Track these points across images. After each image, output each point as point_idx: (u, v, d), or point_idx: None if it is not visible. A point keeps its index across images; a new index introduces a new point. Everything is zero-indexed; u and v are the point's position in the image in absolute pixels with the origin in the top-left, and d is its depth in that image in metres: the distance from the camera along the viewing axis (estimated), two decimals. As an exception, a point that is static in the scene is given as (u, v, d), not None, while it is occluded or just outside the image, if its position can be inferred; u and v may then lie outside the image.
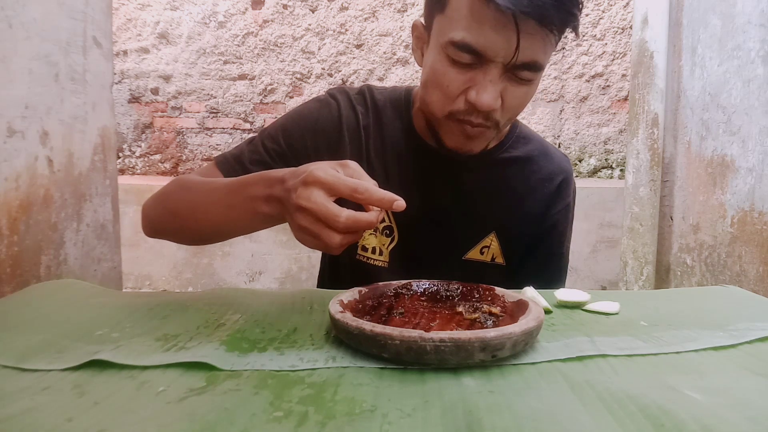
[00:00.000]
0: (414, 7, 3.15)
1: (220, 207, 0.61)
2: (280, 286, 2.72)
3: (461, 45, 0.60)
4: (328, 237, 0.49)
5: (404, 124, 0.78)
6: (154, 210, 0.72)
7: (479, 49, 0.60)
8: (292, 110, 0.80)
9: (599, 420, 0.35)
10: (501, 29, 0.58)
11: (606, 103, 3.21)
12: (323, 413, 0.36)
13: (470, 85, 0.63)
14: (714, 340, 0.51)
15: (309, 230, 0.49)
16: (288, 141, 0.75)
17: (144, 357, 0.44)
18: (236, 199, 0.59)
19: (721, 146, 1.35)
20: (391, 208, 0.50)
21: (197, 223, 0.66)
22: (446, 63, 0.63)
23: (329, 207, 0.48)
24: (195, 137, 3.23)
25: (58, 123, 0.85)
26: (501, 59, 0.60)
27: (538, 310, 0.49)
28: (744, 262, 1.27)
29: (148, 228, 0.73)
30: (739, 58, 1.29)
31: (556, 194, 0.81)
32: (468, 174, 0.78)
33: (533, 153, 0.81)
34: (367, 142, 0.77)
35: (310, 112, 0.78)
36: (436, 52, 0.64)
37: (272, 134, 0.76)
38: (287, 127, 0.77)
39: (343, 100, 0.78)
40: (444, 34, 0.62)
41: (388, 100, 0.80)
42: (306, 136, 0.76)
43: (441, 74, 0.64)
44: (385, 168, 0.78)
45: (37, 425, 0.34)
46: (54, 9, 0.83)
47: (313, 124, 0.76)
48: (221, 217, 0.62)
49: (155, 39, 3.16)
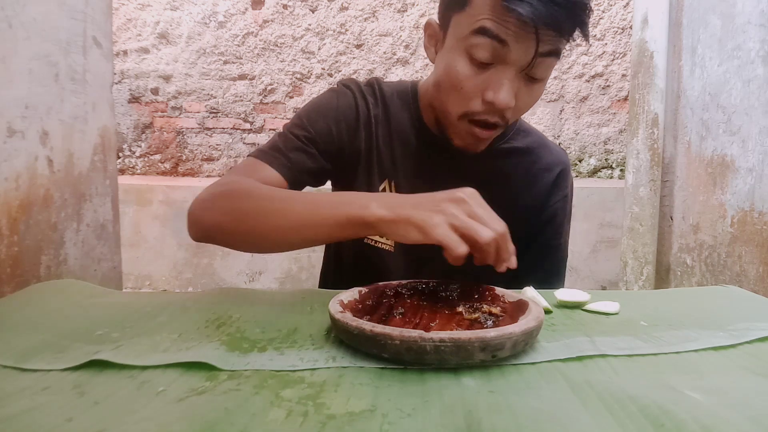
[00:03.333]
0: (414, 7, 3.15)
1: (317, 218, 0.60)
2: (280, 286, 2.72)
3: (483, 32, 0.61)
4: (482, 230, 0.52)
5: (411, 115, 0.81)
6: (210, 213, 0.67)
7: (502, 36, 0.61)
8: (311, 102, 0.81)
9: (599, 420, 0.35)
10: (521, 37, 0.60)
11: (606, 103, 3.21)
12: (323, 413, 0.36)
13: (487, 85, 0.64)
14: (714, 340, 0.51)
15: (467, 227, 0.52)
16: (315, 128, 0.77)
17: (144, 357, 0.44)
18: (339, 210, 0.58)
19: (721, 146, 1.35)
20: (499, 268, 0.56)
21: (275, 232, 0.63)
22: (464, 62, 0.64)
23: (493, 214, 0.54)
24: (195, 137, 3.23)
25: (58, 123, 0.85)
26: (518, 64, 0.62)
27: (538, 310, 0.49)
28: (744, 262, 1.27)
29: (199, 232, 0.68)
30: (739, 58, 1.29)
31: (554, 185, 0.84)
32: (471, 164, 0.80)
33: (533, 145, 0.84)
34: (376, 131, 0.80)
35: (329, 101, 0.80)
36: (454, 50, 0.65)
37: (298, 124, 0.77)
38: (311, 116, 0.78)
39: (356, 90, 0.80)
40: (464, 29, 0.63)
41: (395, 92, 0.82)
42: (330, 124, 0.77)
43: (458, 74, 0.65)
44: (392, 156, 0.80)
45: (37, 425, 0.34)
46: (54, 9, 0.83)
47: (335, 112, 0.78)
48: (314, 229, 0.60)
49: (155, 39, 3.16)
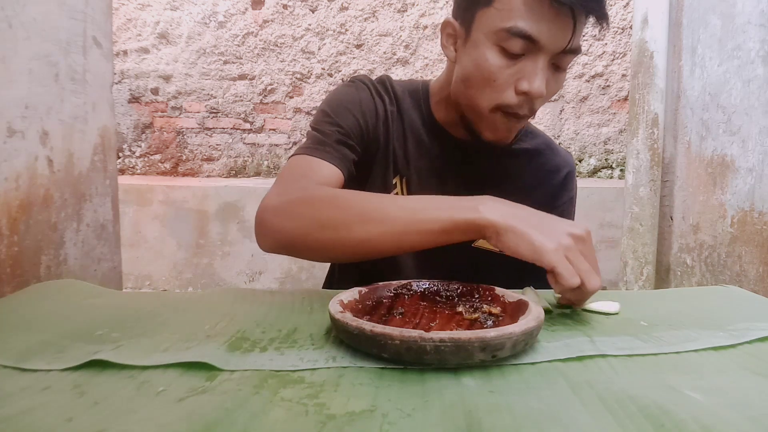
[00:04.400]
0: (414, 7, 3.15)
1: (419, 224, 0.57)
2: (280, 286, 2.72)
3: (516, 32, 0.62)
4: (592, 277, 0.53)
5: (422, 113, 0.81)
6: (291, 222, 0.62)
7: (534, 35, 0.62)
8: (332, 98, 0.79)
9: (599, 420, 0.35)
10: (556, 19, 0.61)
11: (606, 103, 3.21)
12: (323, 413, 0.36)
13: (520, 75, 0.64)
14: (714, 340, 0.51)
15: (580, 265, 0.53)
16: (345, 122, 0.76)
17: (144, 357, 0.44)
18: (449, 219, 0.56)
19: (721, 146, 1.35)
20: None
21: (371, 240, 0.59)
22: (495, 55, 0.65)
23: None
24: (195, 137, 3.23)
25: (58, 123, 0.85)
26: (553, 48, 0.63)
27: (538, 310, 0.49)
28: (744, 262, 1.27)
29: (276, 242, 0.64)
30: (739, 58, 1.29)
31: (561, 186, 0.85)
32: (482, 163, 0.80)
33: (541, 146, 0.85)
34: (390, 128, 0.80)
35: (351, 94, 0.79)
36: (483, 45, 0.66)
37: (328, 120, 0.76)
38: (338, 111, 0.77)
39: (371, 86, 0.80)
40: (494, 24, 0.64)
41: (406, 90, 0.82)
42: (357, 116, 0.77)
43: (489, 67, 0.65)
44: (405, 152, 0.80)
45: (37, 425, 0.34)
46: (54, 9, 0.83)
47: (359, 106, 0.78)
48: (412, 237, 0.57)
49: (155, 39, 3.16)
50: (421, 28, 3.17)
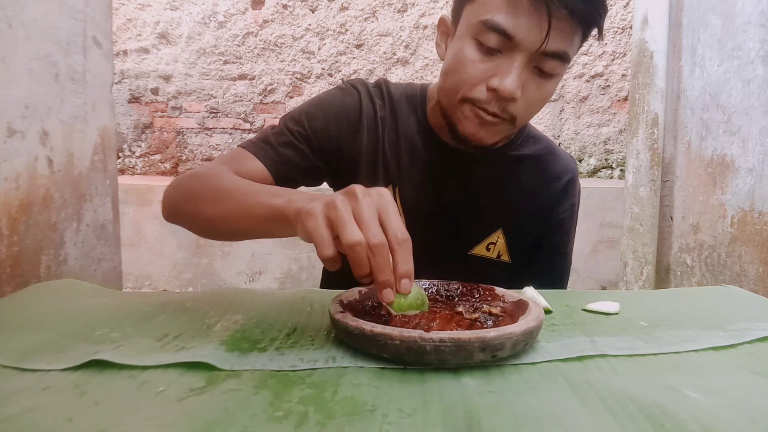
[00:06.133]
0: (414, 7, 3.15)
1: (255, 207, 0.56)
2: (280, 286, 2.72)
3: (491, 25, 0.61)
4: (349, 229, 0.43)
5: (418, 118, 0.80)
6: (173, 192, 0.69)
7: (509, 30, 0.60)
8: (315, 98, 0.80)
9: (599, 420, 0.35)
10: (533, 14, 0.59)
11: (606, 103, 3.21)
12: (323, 413, 0.36)
13: (493, 72, 0.63)
14: (714, 340, 0.51)
15: (335, 218, 0.43)
16: (312, 125, 0.76)
17: (144, 357, 0.44)
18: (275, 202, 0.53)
19: (721, 146, 1.35)
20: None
21: (216, 218, 0.61)
22: (472, 49, 0.64)
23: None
24: (195, 137, 3.23)
25: (58, 123, 0.85)
26: (529, 45, 0.61)
27: (538, 310, 0.49)
28: (744, 262, 1.27)
29: (165, 210, 0.70)
30: (739, 58, 1.29)
31: (562, 193, 0.83)
32: (478, 170, 0.79)
33: (542, 152, 0.83)
34: (383, 134, 0.79)
35: (333, 98, 0.79)
36: (463, 38, 0.65)
37: (296, 118, 0.77)
38: (311, 111, 0.77)
39: (362, 91, 0.80)
40: (474, 17, 0.63)
41: (403, 94, 0.81)
42: (329, 121, 0.77)
43: (464, 59, 0.65)
44: (398, 160, 0.79)
45: (37, 425, 0.34)
46: (54, 9, 0.83)
47: (337, 110, 0.77)
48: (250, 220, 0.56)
49: (155, 39, 3.16)
50: (421, 28, 3.17)
